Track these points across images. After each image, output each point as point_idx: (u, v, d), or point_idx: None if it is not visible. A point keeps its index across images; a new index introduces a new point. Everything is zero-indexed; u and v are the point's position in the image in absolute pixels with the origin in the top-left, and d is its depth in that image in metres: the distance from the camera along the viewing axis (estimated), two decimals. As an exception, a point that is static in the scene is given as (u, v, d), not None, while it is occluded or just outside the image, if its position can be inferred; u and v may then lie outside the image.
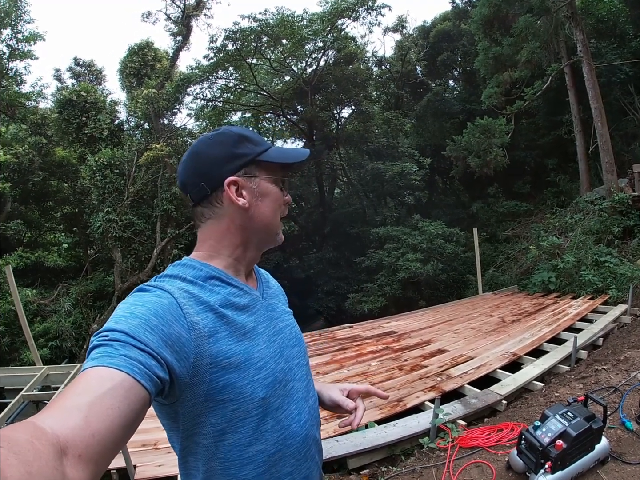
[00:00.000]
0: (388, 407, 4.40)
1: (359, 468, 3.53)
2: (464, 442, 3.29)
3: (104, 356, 0.68)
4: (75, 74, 16.60)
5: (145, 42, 14.43)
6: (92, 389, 0.63)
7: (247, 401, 0.87)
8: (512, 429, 3.30)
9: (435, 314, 9.08)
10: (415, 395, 4.63)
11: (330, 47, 15.53)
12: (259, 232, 1.01)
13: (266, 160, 1.00)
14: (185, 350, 0.79)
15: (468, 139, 12.70)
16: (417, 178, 15.38)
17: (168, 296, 0.83)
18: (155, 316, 0.77)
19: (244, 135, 1.00)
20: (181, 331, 0.79)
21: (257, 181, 0.99)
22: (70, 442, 0.55)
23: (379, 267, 13.56)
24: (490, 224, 15.03)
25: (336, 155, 18.99)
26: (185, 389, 0.81)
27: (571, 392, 3.82)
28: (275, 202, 1.02)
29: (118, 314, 0.77)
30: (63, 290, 11.69)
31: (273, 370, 0.94)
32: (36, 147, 12.86)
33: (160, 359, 0.73)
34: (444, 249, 13.14)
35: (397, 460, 3.58)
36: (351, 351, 6.71)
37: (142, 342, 0.71)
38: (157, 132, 12.84)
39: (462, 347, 6.24)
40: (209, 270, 0.95)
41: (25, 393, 5.82)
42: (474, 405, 4.20)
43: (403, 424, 3.95)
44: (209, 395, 0.84)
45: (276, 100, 17.03)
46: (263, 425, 0.90)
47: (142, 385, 0.67)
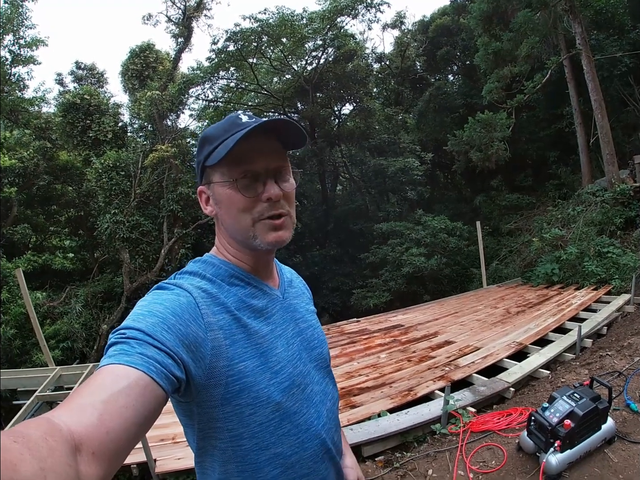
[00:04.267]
0: (399, 396, 4.52)
1: (373, 455, 3.63)
2: (475, 426, 3.42)
3: (120, 354, 0.68)
4: (77, 78, 16.69)
5: (146, 44, 14.52)
6: (107, 386, 0.63)
7: (263, 405, 0.86)
8: (521, 413, 3.43)
9: (440, 307, 9.18)
10: (425, 384, 4.75)
11: (330, 45, 15.61)
12: (234, 238, 0.96)
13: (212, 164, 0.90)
14: (201, 351, 0.79)
15: (469, 133, 12.77)
16: (419, 173, 15.48)
17: (187, 295, 0.83)
18: (173, 315, 0.77)
19: (205, 136, 0.94)
20: (198, 331, 0.79)
21: (212, 187, 0.93)
22: (84, 440, 0.55)
23: (383, 262, 13.66)
24: (493, 217, 15.12)
25: (338, 152, 19.07)
26: (202, 390, 0.81)
27: (577, 377, 3.95)
28: (232, 208, 0.91)
29: (136, 311, 0.78)
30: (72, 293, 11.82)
31: (291, 374, 0.93)
32: (41, 152, 13.00)
33: (177, 358, 0.73)
34: (448, 243, 13.23)
35: (410, 446, 3.69)
36: (360, 344, 6.82)
37: (159, 340, 0.71)
38: (162, 134, 12.93)
39: (469, 338, 6.36)
40: (228, 268, 0.95)
41: (40, 394, 5.86)
42: (483, 392, 4.33)
43: (415, 412, 4.06)
44: (225, 399, 0.83)
45: (277, 99, 17.13)
46: (280, 429, 0.89)
47: (158, 383, 0.67)
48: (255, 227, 0.91)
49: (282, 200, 0.93)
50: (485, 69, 13.51)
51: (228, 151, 0.84)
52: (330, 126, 18.74)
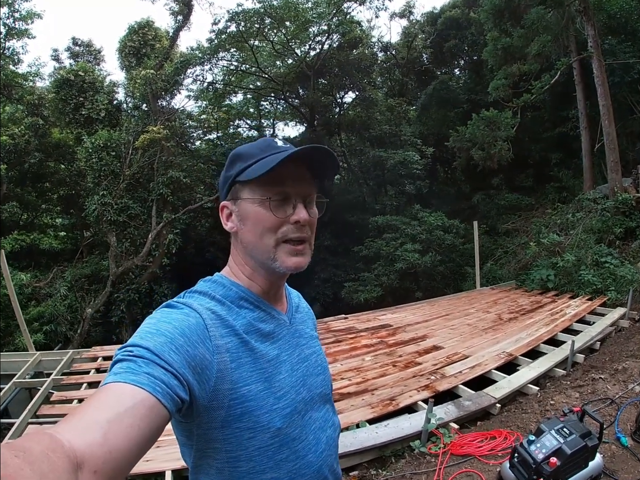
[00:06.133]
0: (380, 405, 4.37)
1: (348, 468, 3.51)
2: (456, 448, 3.25)
3: (127, 372, 0.68)
4: (74, 54, 16.25)
5: (145, 20, 14.08)
6: (113, 405, 0.63)
7: (263, 430, 0.86)
8: (505, 438, 3.25)
9: (431, 308, 9.03)
10: (409, 394, 4.60)
11: (335, 31, 15.17)
12: (252, 258, 0.96)
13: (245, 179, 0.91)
14: (207, 373, 0.79)
15: (472, 130, 12.50)
16: (419, 167, 15.21)
17: (196, 316, 0.82)
18: (181, 336, 0.76)
19: (238, 153, 0.95)
20: (205, 353, 0.79)
21: (239, 203, 0.94)
22: (87, 458, 0.55)
23: (376, 256, 13.48)
24: (491, 216, 14.91)
25: (337, 141, 18.74)
26: (203, 411, 0.80)
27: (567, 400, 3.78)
28: (258, 225, 0.91)
29: (144, 329, 0.77)
30: (58, 274, 11.61)
31: (293, 400, 0.92)
32: (33, 128, 12.68)
33: (182, 380, 0.72)
34: (443, 240, 13.09)
35: (387, 461, 3.56)
36: (345, 344, 6.68)
37: (167, 361, 0.71)
38: (155, 114, 12.59)
39: (458, 345, 6.19)
40: (238, 290, 0.94)
41: (17, 380, 5.80)
42: (468, 407, 4.16)
43: (395, 425, 3.91)
44: (226, 421, 0.83)
45: (277, 83, 16.75)
46: (278, 455, 0.89)
47: (163, 404, 0.67)
48: (276, 249, 0.92)
49: (307, 225, 0.93)
50: (494, 64, 13.19)
51: (270, 169, 0.85)
52: (331, 114, 18.38)
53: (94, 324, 11.10)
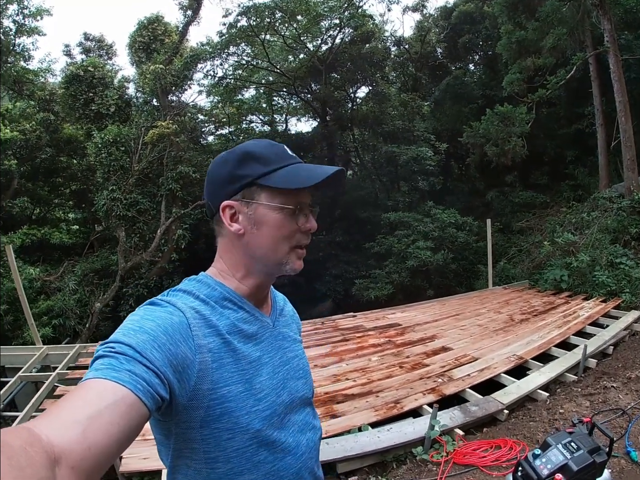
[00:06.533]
0: (384, 408, 4.28)
1: (348, 473, 3.44)
2: (459, 457, 3.14)
3: (108, 369, 0.67)
4: (85, 49, 16.30)
5: (155, 16, 14.01)
6: (93, 401, 0.62)
7: (242, 432, 0.86)
8: (510, 448, 3.12)
9: (442, 307, 8.88)
10: (414, 397, 4.49)
11: (347, 25, 14.99)
12: (257, 261, 0.96)
13: (267, 185, 0.91)
14: (188, 372, 0.78)
15: (486, 126, 12.23)
16: (432, 163, 14.95)
17: (180, 314, 0.82)
18: (164, 334, 0.76)
19: (251, 152, 0.93)
20: (187, 352, 0.79)
21: (255, 207, 0.92)
22: (65, 453, 0.54)
23: (388, 253, 13.33)
24: (505, 213, 14.64)
25: (350, 136, 18.55)
26: (182, 410, 0.80)
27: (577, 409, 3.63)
28: (277, 232, 0.93)
29: (127, 325, 0.76)
30: (69, 268, 11.69)
31: (273, 403, 0.92)
32: (44, 124, 12.72)
33: (163, 378, 0.72)
34: (456, 238, 12.89)
35: (388, 467, 3.48)
36: (352, 343, 6.59)
37: (148, 359, 0.71)
38: (164, 109, 12.58)
39: (467, 346, 6.05)
40: (222, 290, 0.93)
41: (23, 374, 5.84)
42: (474, 413, 4.04)
43: (398, 430, 3.81)
44: (204, 421, 0.82)
45: (289, 78, 16.61)
46: (256, 456, 0.88)
47: (144, 402, 0.67)
48: (289, 254, 0.95)
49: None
50: (508, 58, 12.90)
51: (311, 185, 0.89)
52: (344, 109, 18.17)
53: (103, 318, 11.15)
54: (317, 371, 5.47)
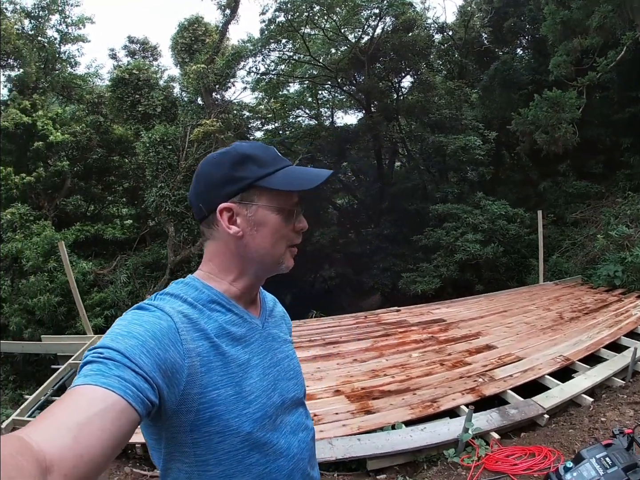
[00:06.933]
0: (420, 407, 4.20)
1: (377, 471, 3.41)
2: (490, 463, 3.00)
3: (97, 374, 0.67)
4: (130, 52, 16.90)
5: (194, 17, 14.35)
6: (83, 408, 0.62)
7: (233, 435, 0.86)
8: (545, 457, 2.93)
9: (489, 303, 8.59)
10: (452, 396, 4.37)
11: (387, 14, 14.67)
12: (254, 261, 0.97)
13: (266, 187, 0.93)
14: (177, 377, 0.78)
15: (535, 112, 11.56)
16: (481, 153, 14.37)
17: (168, 319, 0.81)
18: (152, 339, 0.75)
19: (249, 155, 0.94)
20: (176, 357, 0.78)
21: (254, 209, 0.94)
22: (56, 461, 0.54)
23: (436, 246, 12.96)
24: (558, 204, 13.78)
25: (396, 127, 18.19)
26: (172, 415, 0.80)
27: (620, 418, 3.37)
28: (276, 233, 0.95)
29: (115, 331, 0.76)
30: (121, 262, 12.27)
31: (264, 405, 0.92)
32: (94, 126, 13.30)
33: (152, 383, 0.72)
34: (507, 230, 12.36)
35: (419, 467, 3.40)
36: (394, 338, 6.52)
37: (137, 364, 0.70)
38: (208, 108, 12.86)
39: (512, 345, 5.80)
40: (210, 293, 0.93)
41: (73, 361, 6.19)
42: (513, 416, 3.85)
43: (432, 429, 3.72)
44: (194, 425, 0.82)
45: (331, 70, 16.48)
46: (248, 459, 0.89)
47: (134, 408, 0.67)
48: (285, 253, 0.98)
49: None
50: (554, 40, 12.09)
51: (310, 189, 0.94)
52: (390, 99, 17.81)
53: (153, 309, 11.58)
54: (355, 366, 5.46)
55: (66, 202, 13.51)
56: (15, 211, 10.72)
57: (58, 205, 12.92)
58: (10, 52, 12.95)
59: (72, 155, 13.40)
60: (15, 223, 10.62)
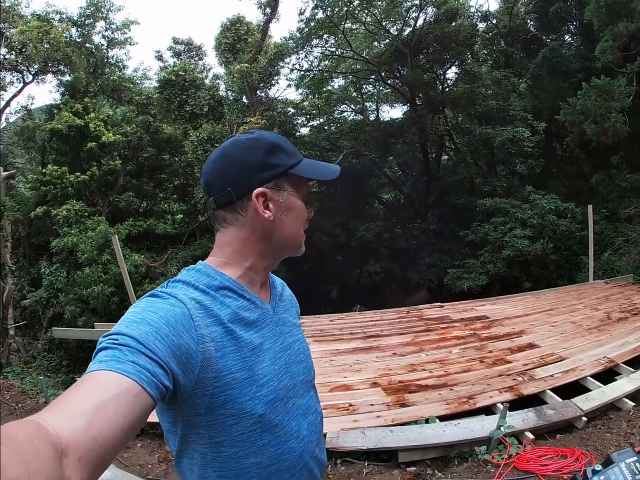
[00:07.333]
0: (456, 402, 4.22)
1: (408, 463, 3.46)
2: (521, 462, 3.00)
3: (112, 360, 0.69)
4: (176, 53, 17.42)
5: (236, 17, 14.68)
6: (98, 392, 0.64)
7: (246, 417, 0.88)
8: (577, 459, 2.90)
9: (535, 301, 8.36)
10: (489, 394, 4.36)
11: (428, 4, 14.47)
12: (279, 245, 1.02)
13: (296, 174, 0.99)
14: (192, 362, 0.80)
15: (583, 101, 11.01)
16: (530, 145, 13.86)
17: (181, 306, 0.83)
18: (166, 325, 0.77)
19: (278, 144, 0.98)
20: (190, 343, 0.80)
21: (285, 195, 0.98)
22: (71, 444, 0.55)
23: (483, 242, 12.69)
24: (611, 199, 13.05)
25: (442, 119, 17.84)
26: (187, 399, 0.82)
27: (659, 425, 3.26)
28: (300, 217, 1.03)
29: (129, 318, 0.78)
30: (172, 255, 12.80)
31: (275, 388, 0.94)
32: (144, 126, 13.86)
33: (167, 369, 0.73)
34: (557, 226, 11.86)
35: (450, 462, 3.43)
36: (435, 334, 6.52)
37: (152, 350, 0.72)
38: (253, 106, 13.12)
39: (556, 344, 5.66)
40: (222, 279, 0.95)
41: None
42: (549, 417, 3.80)
43: (465, 426, 3.73)
44: (209, 408, 0.85)
45: (373, 65, 16.34)
46: (260, 440, 0.91)
47: (148, 392, 0.68)
48: (303, 237, 1.06)
49: None
50: (599, 24, 11.41)
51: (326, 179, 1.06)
52: (435, 92, 17.42)
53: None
54: (394, 359, 5.53)
55: (119, 199, 14.18)
56: (71, 207, 11.29)
57: (112, 202, 13.57)
58: (61, 59, 13.69)
59: (124, 154, 14.03)
60: (70, 219, 11.19)
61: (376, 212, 20.36)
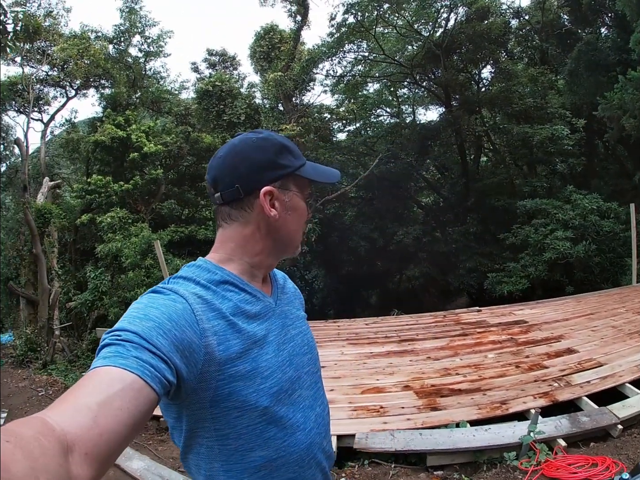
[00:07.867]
0: (488, 407, 4.20)
1: (436, 467, 3.47)
2: (550, 469, 2.99)
3: (115, 356, 0.70)
4: (211, 64, 17.67)
5: (270, 25, 14.84)
6: (102, 388, 0.64)
7: (251, 409, 0.89)
8: (607, 468, 2.86)
9: (576, 305, 8.07)
10: (523, 399, 4.31)
11: (459, 4, 14.28)
12: (281, 243, 1.04)
13: (302, 176, 1.02)
14: (194, 357, 0.81)
15: (621, 95, 10.59)
16: (570, 143, 13.41)
17: (182, 301, 0.84)
18: (169, 320, 0.78)
19: (286, 145, 1.02)
20: (193, 337, 0.81)
21: (291, 195, 1.02)
22: (77, 440, 0.56)
23: (524, 244, 12.31)
24: (656, 198, 12.46)
25: (478, 120, 17.54)
26: (192, 393, 0.83)
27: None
28: (302, 217, 1.06)
29: (132, 314, 0.79)
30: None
31: (279, 380, 0.95)
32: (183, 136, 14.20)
33: (170, 363, 0.74)
34: (600, 227, 11.34)
35: (479, 468, 3.41)
36: (471, 338, 6.45)
37: (155, 345, 0.73)
38: (288, 113, 13.30)
39: (595, 350, 5.48)
40: (223, 274, 0.96)
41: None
42: (583, 424, 3.72)
43: (496, 431, 3.71)
44: (214, 401, 0.86)
45: (406, 67, 16.28)
46: (266, 433, 0.92)
47: (152, 387, 0.69)
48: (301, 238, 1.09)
49: None
50: (631, 15, 10.97)
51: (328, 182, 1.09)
52: (470, 92, 17.15)
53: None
54: (428, 363, 5.53)
55: (161, 206, 14.63)
56: (115, 215, 11.69)
57: (154, 209, 14.00)
58: (101, 74, 14.43)
59: (165, 163, 14.44)
60: (115, 225, 11.57)
61: (415, 216, 20.14)
